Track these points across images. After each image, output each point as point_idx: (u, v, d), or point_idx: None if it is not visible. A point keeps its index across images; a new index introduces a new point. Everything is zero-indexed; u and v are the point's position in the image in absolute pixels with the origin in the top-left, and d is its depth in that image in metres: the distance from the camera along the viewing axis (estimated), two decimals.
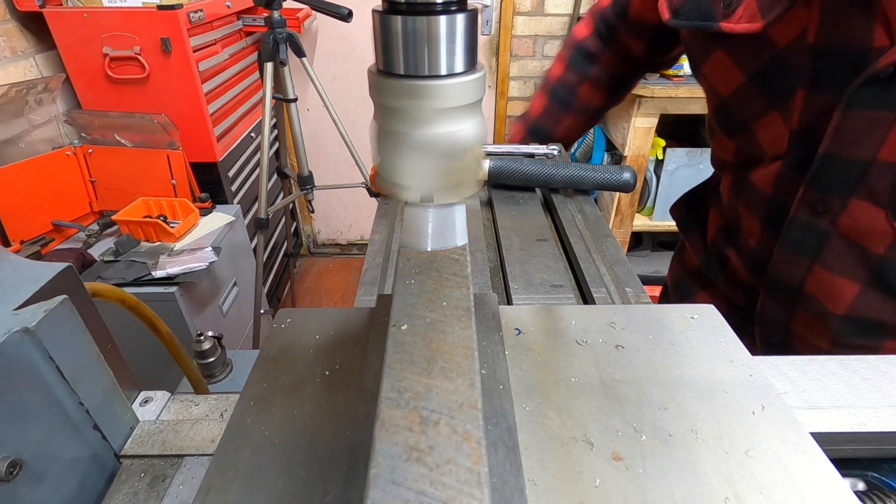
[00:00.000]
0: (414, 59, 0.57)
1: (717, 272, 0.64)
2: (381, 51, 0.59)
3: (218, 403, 0.41)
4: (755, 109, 0.51)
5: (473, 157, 0.67)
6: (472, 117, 0.64)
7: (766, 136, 0.51)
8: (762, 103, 0.50)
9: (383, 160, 0.68)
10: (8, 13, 1.34)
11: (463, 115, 0.64)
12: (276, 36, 1.44)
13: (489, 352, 0.32)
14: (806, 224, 0.49)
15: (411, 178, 0.65)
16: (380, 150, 0.67)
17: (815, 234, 0.49)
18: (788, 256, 0.52)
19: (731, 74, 0.51)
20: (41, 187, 1.32)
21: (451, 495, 0.17)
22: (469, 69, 0.63)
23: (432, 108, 0.60)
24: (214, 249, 1.31)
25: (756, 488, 0.25)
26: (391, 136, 0.62)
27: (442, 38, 0.58)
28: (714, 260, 0.64)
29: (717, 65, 0.53)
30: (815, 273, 0.51)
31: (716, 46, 0.52)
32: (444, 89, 0.61)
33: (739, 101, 0.52)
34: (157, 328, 0.46)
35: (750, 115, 0.52)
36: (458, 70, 0.62)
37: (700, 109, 1.75)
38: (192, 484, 0.33)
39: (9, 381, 0.28)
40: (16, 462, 0.28)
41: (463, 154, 0.62)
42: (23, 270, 0.32)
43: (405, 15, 0.37)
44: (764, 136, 0.51)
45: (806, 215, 0.49)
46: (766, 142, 0.51)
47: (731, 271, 0.62)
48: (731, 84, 0.52)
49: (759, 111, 0.50)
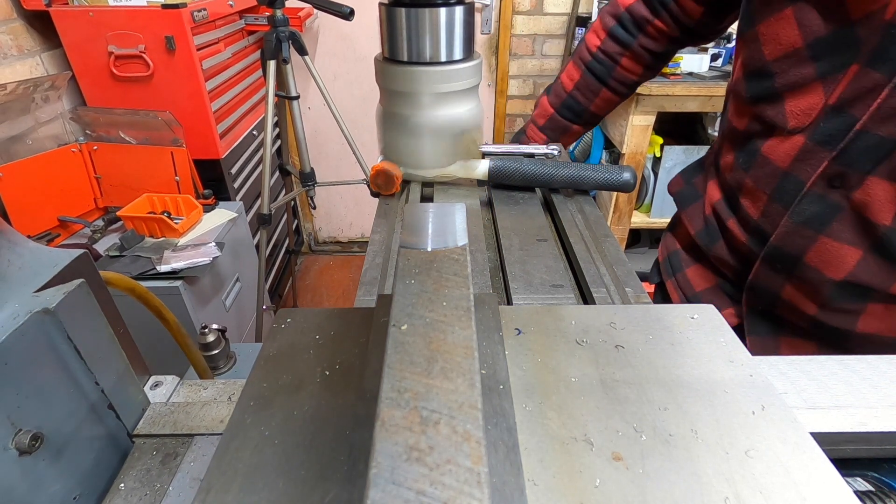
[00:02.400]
0: (416, 46, 0.59)
1: (715, 241, 0.64)
2: (387, 40, 0.61)
3: (226, 387, 0.42)
4: (799, 76, 0.50)
5: (471, 139, 0.68)
6: (470, 101, 0.65)
7: (797, 107, 0.51)
8: (810, 71, 0.49)
9: (387, 140, 0.69)
10: (14, 12, 1.35)
11: (461, 98, 0.65)
12: (278, 34, 1.44)
13: (489, 352, 0.32)
14: (819, 197, 0.50)
15: (413, 157, 0.67)
16: (383, 131, 0.68)
17: (826, 206, 0.50)
18: (796, 228, 0.53)
19: (789, 36, 0.50)
20: (47, 183, 1.33)
21: (451, 495, 0.17)
22: (466, 57, 0.64)
23: (432, 92, 0.62)
24: (218, 245, 1.31)
25: (756, 488, 0.25)
26: (395, 118, 0.64)
27: (441, 28, 0.59)
28: (714, 229, 0.65)
29: (778, 23, 0.51)
30: (819, 243, 0.52)
31: (786, 5, 0.50)
32: (443, 74, 0.62)
33: (785, 66, 0.51)
34: (164, 318, 0.47)
35: (790, 81, 0.51)
36: (456, 57, 0.63)
37: (697, 107, 1.75)
38: (203, 461, 0.35)
39: (31, 359, 0.30)
40: (37, 436, 0.30)
41: (461, 134, 0.64)
42: (41, 256, 0.34)
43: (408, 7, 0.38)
44: (794, 105, 0.51)
45: (821, 189, 0.50)
46: (793, 112, 0.51)
47: (729, 240, 0.62)
48: (784, 47, 0.51)
49: (803, 79, 0.50)
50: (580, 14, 2.15)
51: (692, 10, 0.70)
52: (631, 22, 0.75)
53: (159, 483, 0.34)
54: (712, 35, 0.77)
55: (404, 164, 0.64)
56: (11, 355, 0.28)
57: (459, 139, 0.62)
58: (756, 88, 0.56)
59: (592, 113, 0.83)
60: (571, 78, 0.82)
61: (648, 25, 0.74)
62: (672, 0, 0.71)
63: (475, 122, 0.63)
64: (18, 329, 0.28)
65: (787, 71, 0.51)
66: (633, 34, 0.75)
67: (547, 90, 0.86)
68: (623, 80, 0.79)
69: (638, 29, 0.75)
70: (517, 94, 2.39)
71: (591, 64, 0.79)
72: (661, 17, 0.73)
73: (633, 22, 0.75)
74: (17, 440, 0.29)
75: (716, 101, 1.73)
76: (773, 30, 0.52)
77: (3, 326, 0.28)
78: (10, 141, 1.28)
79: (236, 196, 1.76)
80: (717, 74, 1.78)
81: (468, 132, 0.62)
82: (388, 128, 0.62)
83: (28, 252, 0.33)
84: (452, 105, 0.59)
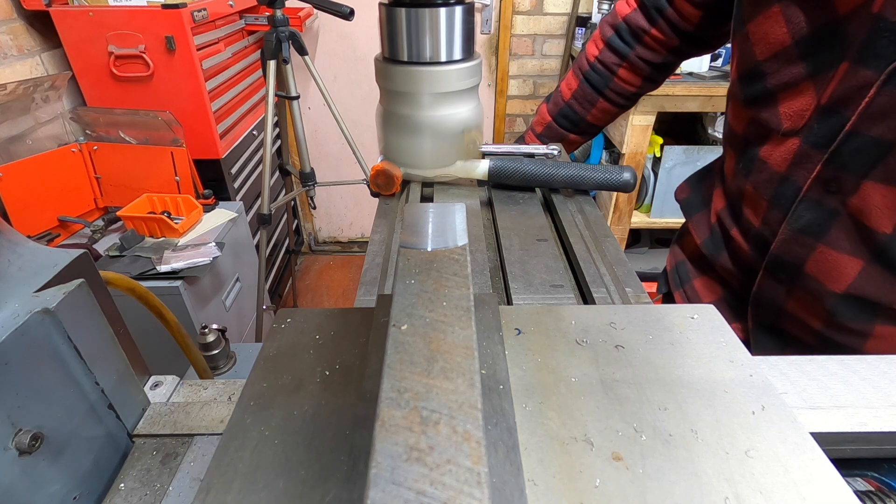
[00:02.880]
0: (416, 46, 0.59)
1: (720, 250, 0.63)
2: (387, 39, 0.60)
3: (226, 388, 0.42)
4: (790, 76, 0.49)
5: (471, 139, 0.68)
6: (470, 101, 0.65)
7: (790, 108, 0.50)
8: (800, 70, 0.48)
9: (387, 140, 0.69)
10: (15, 12, 1.35)
11: (462, 98, 0.65)
12: (278, 34, 1.44)
13: (489, 352, 0.32)
14: (815, 203, 0.49)
15: (413, 157, 0.67)
16: (383, 131, 0.68)
17: (823, 213, 0.49)
18: (794, 235, 0.51)
19: (777, 34, 0.49)
20: (47, 183, 1.33)
21: (451, 495, 0.17)
22: (466, 57, 0.64)
23: (432, 92, 0.61)
24: (218, 245, 1.31)
25: (756, 488, 0.25)
26: (395, 118, 0.63)
27: (441, 28, 0.59)
28: (719, 238, 0.64)
29: (767, 22, 0.51)
30: (818, 252, 0.50)
31: (773, 2, 0.50)
32: (443, 74, 0.62)
33: (776, 65, 0.51)
34: (164, 317, 0.47)
35: (782, 81, 0.50)
36: (456, 57, 0.63)
37: (697, 107, 1.75)
38: (203, 461, 0.35)
39: (31, 359, 0.30)
40: (37, 435, 0.30)
41: (461, 134, 0.63)
42: (41, 256, 0.34)
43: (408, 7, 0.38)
44: (788, 107, 0.50)
45: (817, 194, 0.49)
46: (787, 114, 0.50)
47: (733, 250, 0.61)
48: (773, 46, 0.50)
49: (794, 79, 0.49)
50: (580, 14, 2.16)
51: (690, 14, 0.70)
52: (628, 32, 0.74)
53: (159, 483, 0.34)
54: (716, 42, 0.76)
55: (404, 165, 0.64)
56: (11, 355, 0.28)
57: (459, 139, 0.62)
58: (750, 90, 0.55)
59: (589, 123, 0.83)
60: (570, 87, 0.81)
61: (646, 35, 0.73)
62: (669, 6, 0.70)
63: (475, 123, 0.63)
64: (18, 329, 0.28)
65: (779, 71, 0.50)
66: (629, 45, 0.75)
67: (548, 98, 0.86)
68: (621, 91, 0.79)
69: (635, 39, 0.74)
70: (517, 94, 2.39)
71: (588, 74, 0.79)
72: (658, 25, 0.72)
73: (630, 32, 0.74)
74: (17, 440, 0.29)
75: (716, 101, 1.73)
76: (763, 29, 0.51)
77: (3, 326, 0.28)
78: (10, 141, 1.28)
79: (236, 196, 1.77)
80: (717, 74, 1.78)
81: (468, 132, 0.62)
82: (388, 128, 0.62)
83: (28, 252, 0.33)
84: (452, 105, 0.59)
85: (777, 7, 0.49)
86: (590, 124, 0.83)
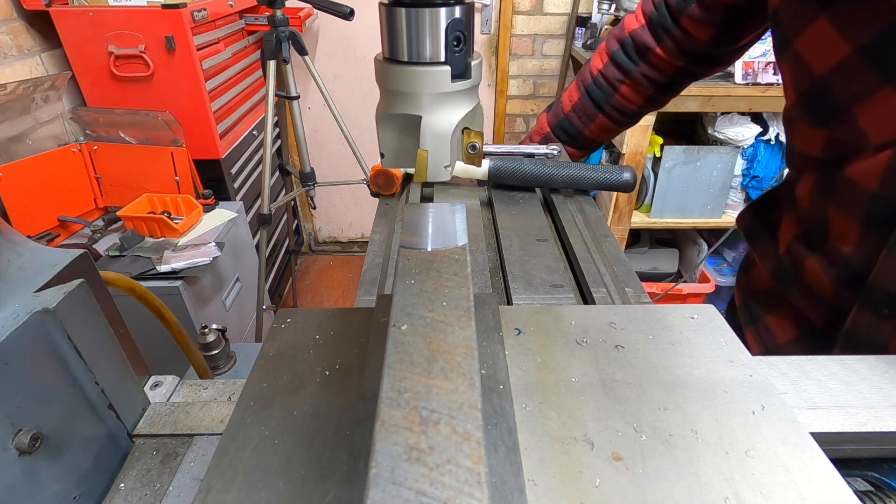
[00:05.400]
0: (416, 46, 0.58)
1: (791, 284, 0.57)
2: (387, 40, 0.60)
3: (226, 388, 0.42)
4: (862, 87, 0.45)
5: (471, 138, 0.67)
6: (471, 101, 0.64)
7: (873, 120, 0.45)
8: (872, 78, 0.44)
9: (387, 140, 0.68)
10: (15, 12, 1.35)
11: (462, 98, 0.64)
12: (278, 34, 1.44)
13: (489, 352, 0.32)
14: None
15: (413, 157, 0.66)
16: (383, 131, 0.68)
17: None
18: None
19: (834, 47, 0.45)
20: (47, 183, 1.33)
21: (451, 495, 0.17)
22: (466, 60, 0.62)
23: (432, 92, 0.61)
24: (218, 245, 1.31)
25: (756, 488, 0.25)
26: (395, 118, 0.62)
27: (441, 28, 0.58)
28: (789, 270, 0.57)
29: (816, 36, 0.46)
30: None
31: (817, 15, 0.45)
32: (444, 74, 0.61)
33: (842, 79, 0.46)
34: (164, 317, 0.47)
35: (854, 94, 0.46)
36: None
37: (697, 107, 1.75)
38: (203, 461, 0.35)
39: (31, 359, 0.30)
40: (37, 436, 0.30)
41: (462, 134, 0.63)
42: (41, 256, 0.34)
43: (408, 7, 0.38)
44: (869, 119, 0.45)
45: None
46: (871, 126, 0.45)
47: (807, 284, 0.54)
48: (832, 58, 0.46)
49: (868, 88, 0.44)
50: (580, 14, 2.16)
51: (700, 34, 0.66)
52: (633, 48, 0.72)
53: (159, 483, 0.34)
54: (730, 58, 0.72)
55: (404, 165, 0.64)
56: (11, 355, 0.28)
57: (460, 139, 0.62)
58: (816, 109, 0.50)
59: (587, 138, 0.80)
60: (571, 99, 0.79)
61: (650, 53, 0.70)
62: (676, 27, 0.67)
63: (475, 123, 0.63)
64: (18, 329, 0.28)
65: (848, 82, 0.46)
66: (634, 61, 0.72)
67: (549, 106, 0.84)
68: (621, 108, 0.76)
69: (640, 56, 0.72)
70: (517, 94, 2.40)
71: (590, 87, 0.77)
72: (664, 44, 0.69)
73: (635, 49, 0.72)
74: (17, 440, 0.29)
75: (716, 101, 1.73)
76: (813, 44, 0.47)
77: (3, 326, 0.28)
78: (10, 141, 1.28)
79: (236, 196, 1.77)
80: (718, 74, 1.78)
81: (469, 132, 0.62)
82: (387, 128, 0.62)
83: (28, 252, 0.33)
84: (453, 105, 0.59)
85: (822, 19, 0.45)
86: (587, 139, 0.81)
